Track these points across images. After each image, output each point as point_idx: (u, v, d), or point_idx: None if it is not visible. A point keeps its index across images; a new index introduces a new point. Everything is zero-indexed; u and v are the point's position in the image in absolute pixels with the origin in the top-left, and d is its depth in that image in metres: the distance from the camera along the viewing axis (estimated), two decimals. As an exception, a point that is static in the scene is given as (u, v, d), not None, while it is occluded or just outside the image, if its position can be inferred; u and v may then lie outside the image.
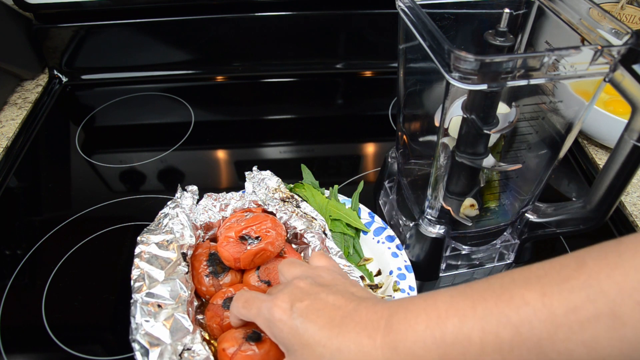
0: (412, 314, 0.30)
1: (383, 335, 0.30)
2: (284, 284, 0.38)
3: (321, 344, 0.32)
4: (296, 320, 0.33)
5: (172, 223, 0.51)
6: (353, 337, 0.31)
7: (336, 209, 0.59)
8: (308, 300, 0.34)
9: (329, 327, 0.32)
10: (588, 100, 0.41)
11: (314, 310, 0.33)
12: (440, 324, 0.29)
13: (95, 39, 0.85)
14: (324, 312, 0.33)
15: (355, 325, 0.32)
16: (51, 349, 0.50)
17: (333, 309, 0.33)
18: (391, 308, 0.32)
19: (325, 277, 0.37)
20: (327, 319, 0.32)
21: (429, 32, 0.38)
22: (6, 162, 0.72)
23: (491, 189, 0.53)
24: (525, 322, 0.27)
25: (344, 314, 0.33)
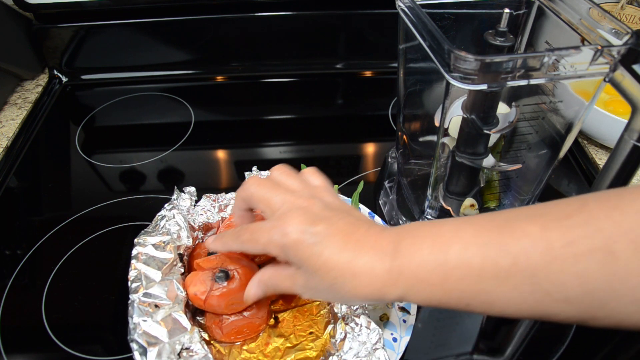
0: (419, 240, 0.32)
1: (391, 259, 0.32)
2: (284, 201, 0.37)
3: (337, 267, 0.33)
4: (313, 244, 0.34)
5: (169, 224, 0.51)
6: (366, 261, 0.33)
7: (336, 209, 0.59)
8: (321, 224, 0.34)
9: (344, 251, 0.33)
10: (588, 100, 0.41)
11: (328, 235, 0.34)
12: (444, 249, 0.31)
13: (95, 39, 0.85)
14: (338, 238, 0.34)
15: (368, 249, 0.33)
16: (51, 349, 0.50)
17: (345, 234, 0.34)
18: (399, 234, 0.33)
19: (328, 199, 0.38)
20: (342, 243, 0.34)
21: (429, 32, 0.38)
22: (6, 162, 0.72)
23: (491, 189, 0.53)
24: (523, 252, 0.28)
25: (356, 239, 0.34)
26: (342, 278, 0.33)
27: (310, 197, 0.37)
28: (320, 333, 0.48)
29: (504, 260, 0.28)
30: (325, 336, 0.47)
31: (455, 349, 0.50)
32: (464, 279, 0.30)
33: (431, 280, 0.31)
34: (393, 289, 0.32)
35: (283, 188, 0.39)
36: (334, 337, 0.45)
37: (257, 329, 0.48)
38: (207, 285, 0.45)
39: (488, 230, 0.30)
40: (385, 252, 0.33)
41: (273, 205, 0.37)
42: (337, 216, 0.35)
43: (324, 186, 0.40)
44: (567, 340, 0.50)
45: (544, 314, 0.29)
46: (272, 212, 0.37)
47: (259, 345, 0.47)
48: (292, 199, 0.37)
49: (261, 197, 0.38)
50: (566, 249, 0.27)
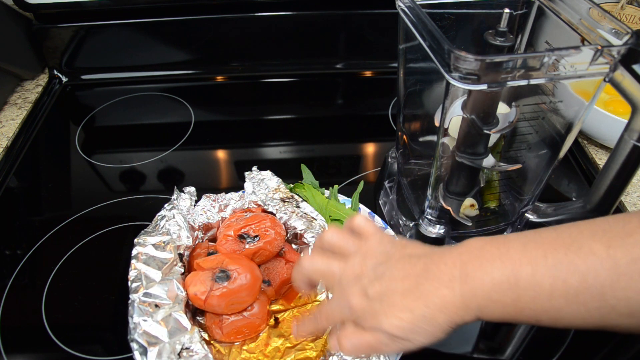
0: (488, 262, 0.33)
1: (461, 284, 0.33)
2: (340, 273, 0.38)
3: (409, 310, 0.34)
4: (379, 307, 0.35)
5: (169, 224, 0.51)
6: (434, 293, 0.33)
7: (336, 209, 0.59)
8: (378, 284, 0.35)
9: (410, 295, 0.34)
10: (588, 100, 0.41)
11: (389, 290, 0.35)
12: (515, 271, 0.31)
13: (95, 39, 0.85)
14: (398, 286, 0.35)
15: (432, 282, 0.34)
16: (51, 349, 0.50)
17: (405, 280, 0.35)
18: (462, 257, 0.34)
19: (379, 249, 0.38)
20: (405, 290, 0.34)
21: (429, 32, 0.38)
22: (6, 162, 0.72)
23: (491, 189, 0.53)
24: (592, 271, 0.29)
25: (416, 280, 0.34)
26: (419, 317, 0.33)
27: (363, 260, 0.38)
28: (320, 333, 0.48)
29: (573, 279, 0.30)
30: (325, 336, 0.47)
31: (455, 349, 0.50)
32: (535, 298, 0.31)
33: (504, 300, 0.32)
34: (469, 312, 0.33)
35: (336, 256, 0.40)
36: (334, 337, 0.45)
37: (257, 329, 0.48)
38: (207, 285, 0.45)
39: (555, 249, 0.31)
40: (453, 279, 0.33)
41: (331, 281, 0.39)
42: (392, 267, 0.36)
43: (375, 235, 0.40)
44: (567, 340, 0.50)
45: (607, 326, 0.31)
46: (332, 287, 0.39)
47: (259, 345, 0.47)
48: (346, 271, 0.38)
49: (319, 274, 0.40)
50: (632, 266, 0.28)
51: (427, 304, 0.33)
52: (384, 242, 0.39)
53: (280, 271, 0.51)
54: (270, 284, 0.50)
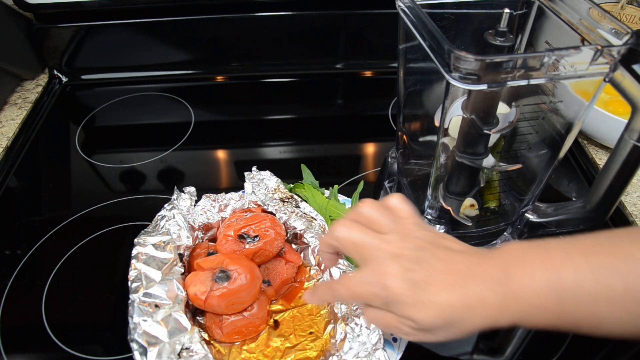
0: (530, 266, 0.33)
1: (503, 287, 0.33)
2: (376, 248, 0.36)
3: (449, 307, 0.33)
4: (418, 294, 0.34)
5: (169, 224, 0.51)
6: (477, 293, 0.33)
7: (336, 209, 0.59)
8: (420, 271, 0.34)
9: (453, 290, 0.33)
10: (588, 100, 0.41)
11: (431, 281, 0.34)
12: (558, 274, 0.32)
13: (95, 39, 0.85)
14: (441, 279, 0.34)
15: (476, 281, 0.33)
16: (51, 349, 0.50)
17: (447, 273, 0.34)
18: (505, 260, 0.34)
19: (418, 234, 0.37)
20: (447, 284, 0.34)
21: (429, 32, 0.38)
22: (6, 162, 0.72)
23: (491, 189, 0.53)
24: (635, 275, 0.30)
25: (460, 273, 0.34)
26: (456, 315, 0.33)
27: (401, 240, 0.36)
28: (320, 333, 0.48)
29: (617, 283, 0.30)
30: (325, 336, 0.47)
31: (455, 349, 0.50)
32: (578, 303, 0.31)
33: (545, 306, 0.32)
34: (506, 316, 0.33)
35: (372, 230, 0.38)
36: (334, 337, 0.45)
37: (257, 329, 0.48)
38: (207, 285, 0.45)
39: (597, 253, 0.31)
40: (495, 281, 0.33)
41: (364, 254, 0.37)
42: (433, 256, 0.35)
43: (412, 218, 0.39)
44: (567, 340, 0.50)
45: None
46: (364, 260, 0.37)
47: (259, 345, 0.47)
48: (383, 246, 0.36)
49: (351, 244, 0.38)
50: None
51: (469, 303, 0.33)
52: (421, 226, 0.38)
53: (280, 271, 0.51)
54: (270, 284, 0.50)
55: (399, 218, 0.38)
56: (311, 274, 0.53)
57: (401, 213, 0.39)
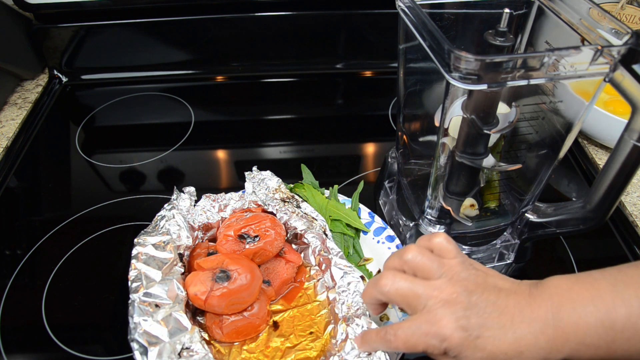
0: (580, 305, 0.33)
1: (554, 329, 0.33)
2: (427, 296, 0.36)
3: (503, 352, 0.34)
4: (475, 341, 0.34)
5: (169, 224, 0.51)
6: (528, 338, 0.34)
7: (336, 209, 0.59)
8: (474, 317, 0.34)
9: (505, 335, 0.34)
10: (588, 100, 0.41)
11: (484, 325, 0.34)
12: (609, 313, 0.32)
13: (95, 39, 0.85)
14: (494, 323, 0.34)
15: (527, 325, 0.34)
16: (51, 349, 0.50)
17: (499, 315, 0.35)
18: (553, 299, 0.34)
19: (465, 274, 0.37)
20: (499, 328, 0.34)
21: (429, 32, 0.38)
22: (6, 162, 0.72)
23: (491, 189, 0.53)
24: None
25: (511, 315, 0.34)
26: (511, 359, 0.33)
27: (451, 284, 0.36)
28: (320, 333, 0.48)
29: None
30: (326, 336, 0.47)
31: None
32: (630, 340, 0.31)
33: (597, 344, 0.32)
34: (556, 354, 0.33)
35: (418, 278, 0.38)
36: (335, 338, 0.45)
37: (257, 329, 0.48)
38: (207, 285, 0.45)
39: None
40: (546, 323, 0.33)
41: (415, 303, 0.37)
42: (484, 299, 0.35)
43: (458, 258, 0.38)
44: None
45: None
46: (415, 309, 0.37)
47: (259, 345, 0.47)
48: (434, 294, 0.36)
49: (400, 296, 0.37)
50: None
51: (520, 349, 0.33)
52: (466, 265, 0.38)
53: (280, 271, 0.51)
54: (270, 284, 0.50)
55: (444, 260, 0.38)
56: (311, 274, 0.53)
57: (447, 254, 0.38)
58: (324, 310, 0.49)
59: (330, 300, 0.49)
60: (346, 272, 0.49)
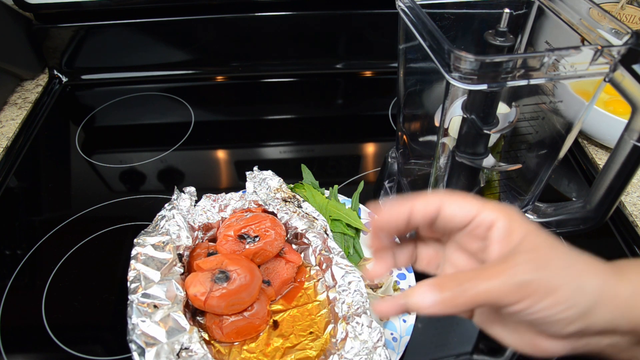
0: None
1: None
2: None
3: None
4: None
5: (169, 224, 0.51)
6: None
7: (336, 209, 0.59)
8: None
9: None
10: (588, 100, 0.41)
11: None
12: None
13: (95, 39, 0.85)
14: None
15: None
16: (51, 349, 0.50)
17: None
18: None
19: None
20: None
21: (429, 32, 0.38)
22: (6, 162, 0.72)
23: (491, 189, 0.53)
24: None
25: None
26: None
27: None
28: (320, 333, 0.48)
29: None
30: (326, 336, 0.47)
31: (455, 349, 0.50)
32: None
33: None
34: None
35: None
36: (335, 337, 0.45)
37: (257, 329, 0.48)
38: (206, 286, 0.45)
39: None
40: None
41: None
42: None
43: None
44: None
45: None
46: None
47: (259, 345, 0.47)
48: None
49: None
50: None
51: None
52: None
53: (280, 271, 0.51)
54: (270, 284, 0.50)
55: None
56: (311, 273, 0.53)
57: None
58: (324, 310, 0.49)
59: (330, 299, 0.49)
60: (347, 271, 0.49)
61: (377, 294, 0.52)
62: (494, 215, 0.30)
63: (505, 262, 0.29)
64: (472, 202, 0.31)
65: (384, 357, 0.43)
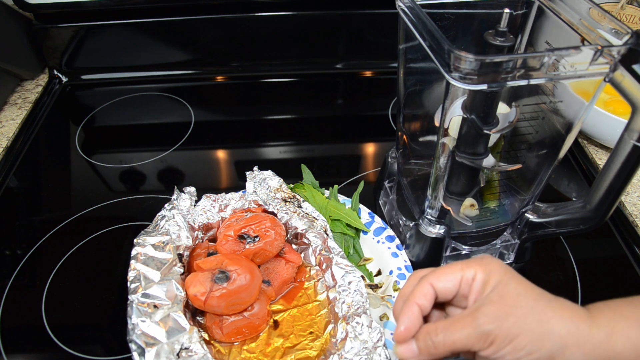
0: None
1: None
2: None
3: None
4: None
5: (169, 224, 0.51)
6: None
7: (336, 209, 0.59)
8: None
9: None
10: (588, 100, 0.41)
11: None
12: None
13: (95, 39, 0.85)
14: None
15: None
16: (51, 349, 0.50)
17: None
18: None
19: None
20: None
21: (429, 32, 0.38)
22: (6, 162, 0.72)
23: (491, 189, 0.53)
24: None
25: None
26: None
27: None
28: (320, 333, 0.48)
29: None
30: (326, 336, 0.47)
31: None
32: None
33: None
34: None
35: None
36: (335, 337, 0.45)
37: (257, 329, 0.48)
38: (206, 286, 0.45)
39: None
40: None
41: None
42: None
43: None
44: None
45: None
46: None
47: (259, 345, 0.47)
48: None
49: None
50: None
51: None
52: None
53: (280, 271, 0.51)
54: (270, 284, 0.50)
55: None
56: (311, 273, 0.53)
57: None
58: (324, 310, 0.49)
59: (330, 299, 0.49)
60: (347, 271, 0.49)
61: (377, 294, 0.52)
62: (474, 270, 0.34)
63: (471, 314, 0.32)
64: (455, 269, 0.34)
65: (384, 357, 0.43)
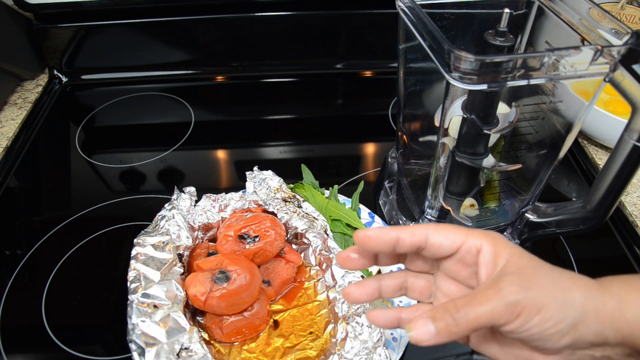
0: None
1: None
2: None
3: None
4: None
5: (169, 224, 0.51)
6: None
7: (336, 209, 0.59)
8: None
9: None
10: (588, 100, 0.41)
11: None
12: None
13: (95, 39, 0.85)
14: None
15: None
16: (51, 349, 0.50)
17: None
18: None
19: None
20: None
21: (429, 32, 0.38)
22: (6, 162, 0.72)
23: (491, 189, 0.53)
24: None
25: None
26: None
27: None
28: (320, 333, 0.48)
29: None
30: (326, 336, 0.47)
31: (455, 349, 0.50)
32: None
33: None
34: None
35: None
36: (335, 337, 0.45)
37: (257, 329, 0.48)
38: (206, 286, 0.45)
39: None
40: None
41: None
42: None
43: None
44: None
45: None
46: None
47: (259, 345, 0.47)
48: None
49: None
50: None
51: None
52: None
53: (280, 271, 0.51)
54: (270, 284, 0.50)
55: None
56: (311, 273, 0.53)
57: None
58: (324, 310, 0.49)
59: (330, 299, 0.49)
60: (347, 271, 0.49)
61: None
62: (480, 241, 0.32)
63: (493, 285, 0.30)
64: (457, 231, 0.33)
65: (384, 357, 0.43)
